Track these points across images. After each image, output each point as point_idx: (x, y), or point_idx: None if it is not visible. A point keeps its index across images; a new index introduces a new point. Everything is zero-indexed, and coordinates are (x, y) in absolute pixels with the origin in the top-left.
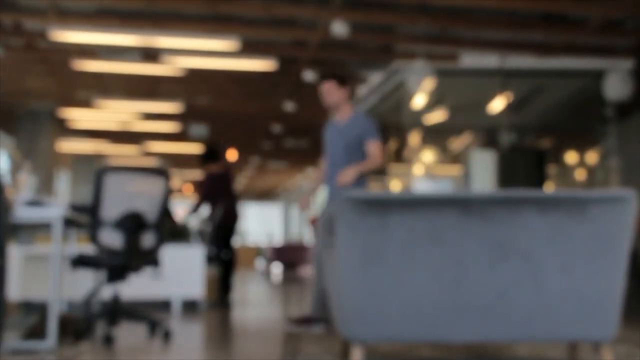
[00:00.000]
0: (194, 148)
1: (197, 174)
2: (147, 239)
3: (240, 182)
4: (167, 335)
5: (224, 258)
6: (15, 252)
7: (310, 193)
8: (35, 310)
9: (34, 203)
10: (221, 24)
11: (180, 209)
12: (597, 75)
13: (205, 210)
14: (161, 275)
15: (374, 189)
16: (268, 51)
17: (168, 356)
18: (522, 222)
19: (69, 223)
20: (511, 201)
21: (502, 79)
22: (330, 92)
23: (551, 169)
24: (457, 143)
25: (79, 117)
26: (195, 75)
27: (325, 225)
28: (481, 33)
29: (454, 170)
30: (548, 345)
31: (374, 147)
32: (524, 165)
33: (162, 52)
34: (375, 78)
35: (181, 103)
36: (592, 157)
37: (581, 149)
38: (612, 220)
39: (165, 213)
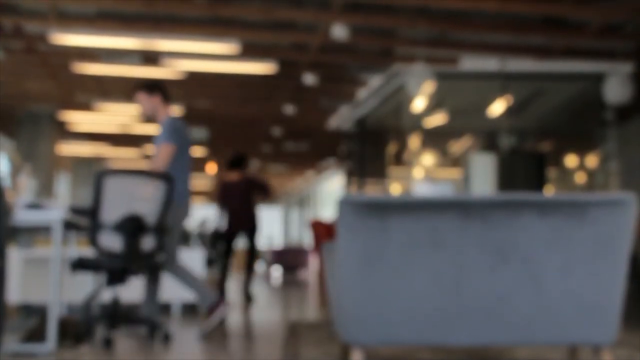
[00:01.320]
0: (194, 151)
1: (197, 177)
2: (147, 242)
3: None
4: (166, 338)
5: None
6: (15, 255)
7: None
8: (35, 313)
9: (33, 206)
10: (221, 27)
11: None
12: (597, 79)
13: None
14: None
15: (373, 191)
16: (268, 54)
17: (168, 359)
18: (522, 226)
19: (68, 226)
20: (511, 204)
21: (502, 82)
22: (142, 102)
23: (551, 172)
24: (457, 146)
25: (79, 119)
26: (195, 78)
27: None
28: (481, 36)
29: (454, 173)
30: (548, 349)
31: (159, 150)
32: (524, 169)
33: (162, 55)
34: (375, 81)
35: (181, 106)
36: (592, 160)
37: (581, 152)
38: (612, 224)
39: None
